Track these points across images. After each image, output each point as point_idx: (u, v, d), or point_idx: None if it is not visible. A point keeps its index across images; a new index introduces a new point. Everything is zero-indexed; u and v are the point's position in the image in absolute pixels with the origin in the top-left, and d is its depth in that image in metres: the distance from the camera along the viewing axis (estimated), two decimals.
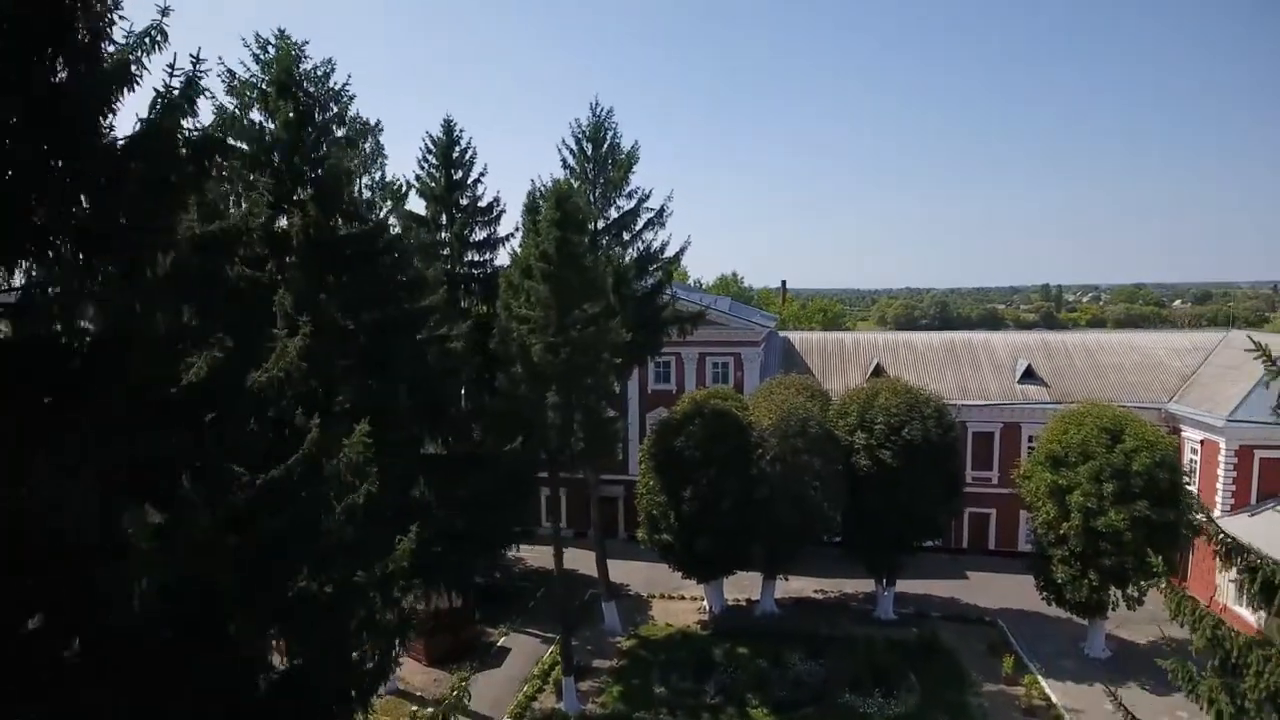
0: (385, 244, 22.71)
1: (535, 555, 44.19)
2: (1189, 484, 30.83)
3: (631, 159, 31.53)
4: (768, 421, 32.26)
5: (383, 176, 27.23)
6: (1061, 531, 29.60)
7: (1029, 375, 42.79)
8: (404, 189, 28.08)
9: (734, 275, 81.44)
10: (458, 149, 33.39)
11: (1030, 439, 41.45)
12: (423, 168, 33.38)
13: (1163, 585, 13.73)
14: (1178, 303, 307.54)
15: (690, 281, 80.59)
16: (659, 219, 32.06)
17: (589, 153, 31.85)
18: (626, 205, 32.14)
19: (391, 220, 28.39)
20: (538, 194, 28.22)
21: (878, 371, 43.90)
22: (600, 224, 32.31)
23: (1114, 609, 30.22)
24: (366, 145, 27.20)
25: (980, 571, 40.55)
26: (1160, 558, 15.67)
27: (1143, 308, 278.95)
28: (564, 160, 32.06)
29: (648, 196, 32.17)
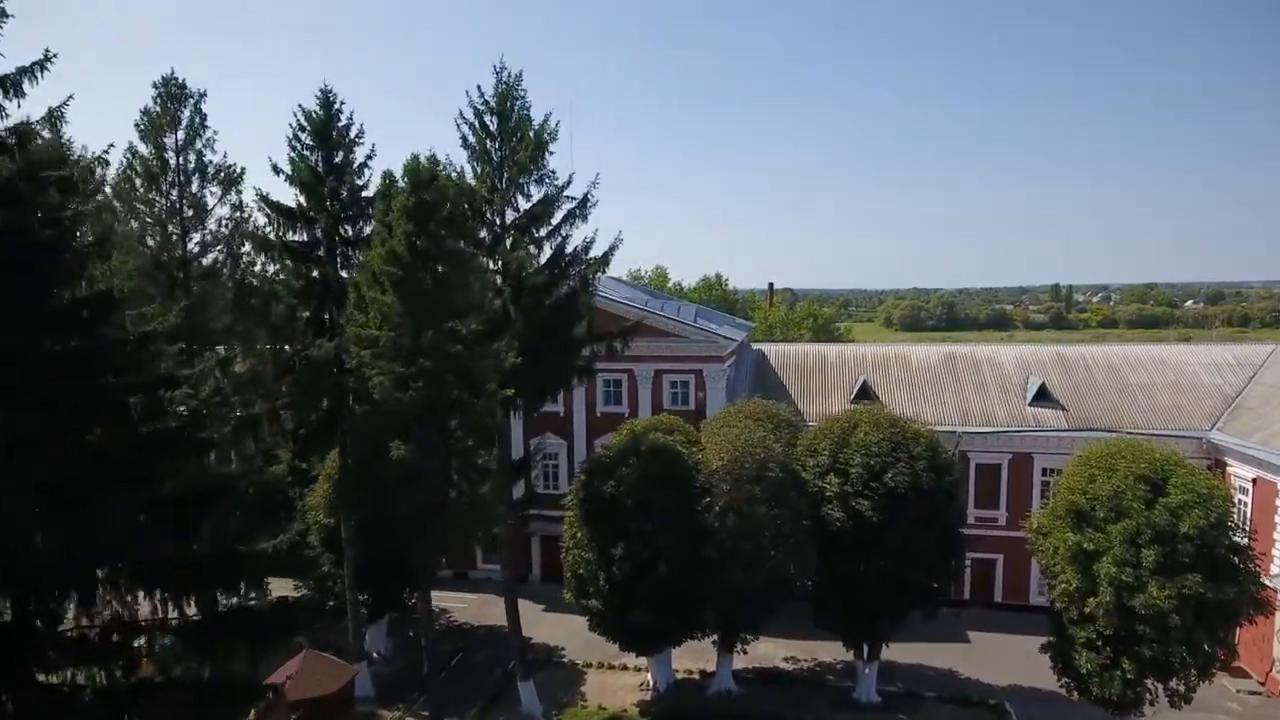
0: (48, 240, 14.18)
1: (467, 606, 38.03)
2: (1244, 539, 24.18)
3: (544, 136, 25.19)
4: (718, 462, 25.89)
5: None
6: (1087, 609, 23.10)
7: (1042, 396, 36.27)
8: (236, 172, 21.87)
9: (718, 277, 75.13)
10: (337, 126, 27.06)
11: (1045, 472, 35.05)
12: (293, 148, 27.04)
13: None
14: (1190, 303, 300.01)
15: (671, 284, 74.24)
16: (581, 210, 25.72)
17: (493, 128, 25.53)
18: (541, 193, 25.77)
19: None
20: (406, 175, 21.52)
21: (864, 392, 37.47)
22: (510, 216, 25.99)
23: (1152, 704, 23.75)
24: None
25: (985, 631, 34.09)
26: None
27: (1154, 308, 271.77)
28: (463, 138, 25.79)
29: (568, 183, 25.85)
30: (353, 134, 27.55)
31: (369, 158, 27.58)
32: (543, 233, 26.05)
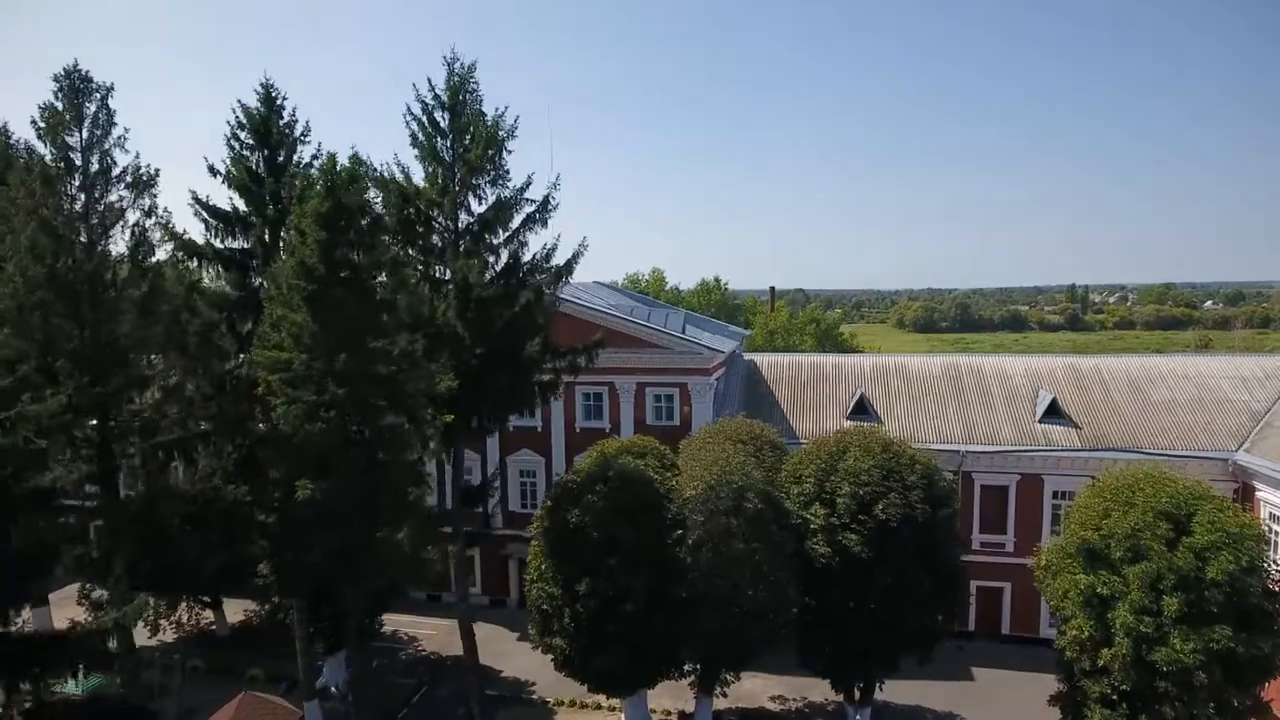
0: None
1: (436, 633, 35.81)
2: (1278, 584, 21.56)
3: (498, 132, 22.91)
4: (691, 490, 23.54)
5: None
6: (1101, 661, 20.58)
7: (1053, 412, 33.63)
8: (150, 174, 19.68)
9: (716, 281, 72.61)
10: (279, 123, 24.94)
11: (1056, 495, 32.45)
12: (231, 148, 24.92)
13: None
14: (1209, 303, 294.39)
15: (669, 288, 71.74)
16: (540, 215, 23.44)
17: (443, 124, 23.28)
18: (495, 196, 23.49)
19: None
20: (322, 174, 19.15)
21: (861, 407, 34.97)
22: (465, 221, 23.75)
23: None
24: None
25: (991, 668, 31.52)
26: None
27: (1173, 309, 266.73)
28: (412, 136, 23.54)
29: (526, 185, 23.57)
30: (297, 131, 25.56)
31: (315, 157, 25.51)
32: (500, 239, 23.77)
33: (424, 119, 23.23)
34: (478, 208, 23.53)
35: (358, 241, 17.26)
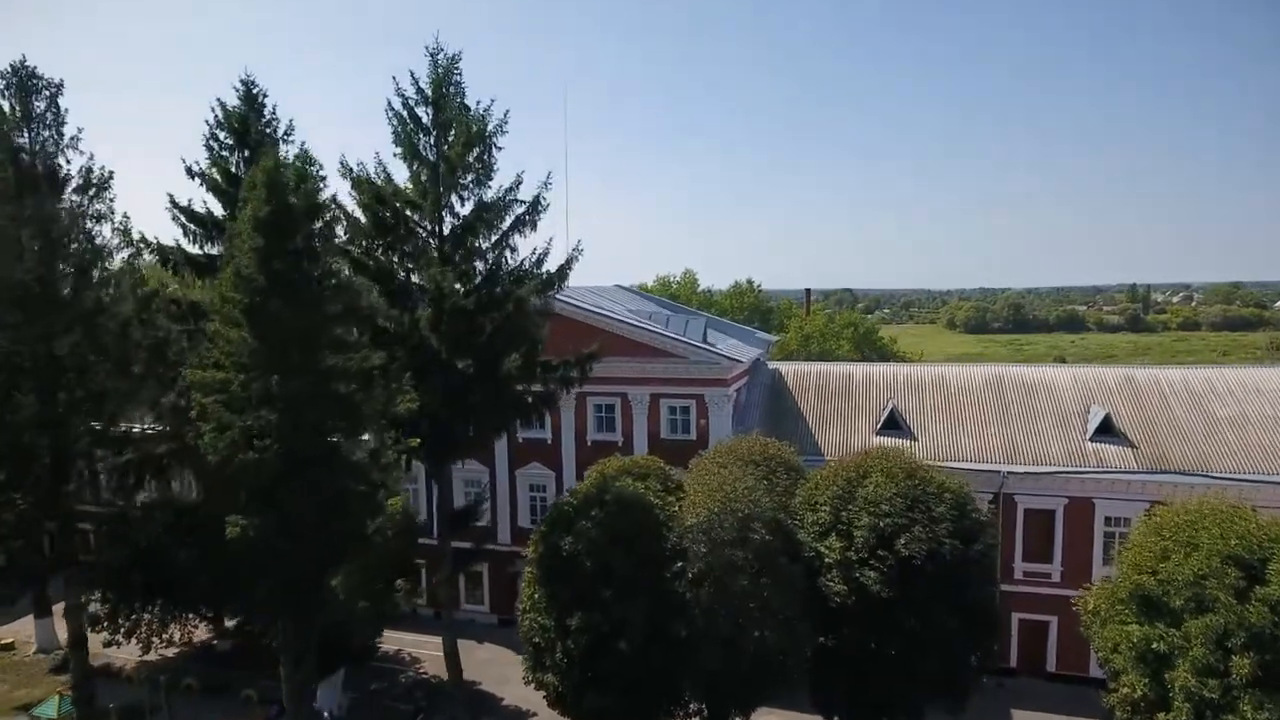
0: None
1: (439, 654, 34.20)
2: None
3: (484, 127, 21.14)
4: (693, 517, 21.45)
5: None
6: None
7: (1106, 430, 30.60)
8: (103, 176, 18.40)
9: (750, 283, 69.89)
10: (260, 122, 23.59)
11: (1109, 522, 29.50)
12: (210, 149, 23.65)
13: None
14: None
15: (700, 290, 69.32)
16: (530, 216, 21.61)
17: (426, 121, 21.60)
18: (482, 197, 21.73)
19: None
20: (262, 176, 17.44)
21: (892, 422, 32.40)
22: (449, 224, 22.05)
23: None
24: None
25: (1034, 711, 28.75)
26: None
27: (1241, 309, 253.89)
28: (395, 133, 21.91)
29: (515, 185, 21.77)
30: (281, 131, 24.20)
31: (299, 158, 24.06)
32: (488, 243, 22.01)
33: (405, 114, 21.60)
34: (464, 210, 21.81)
35: (306, 249, 15.64)
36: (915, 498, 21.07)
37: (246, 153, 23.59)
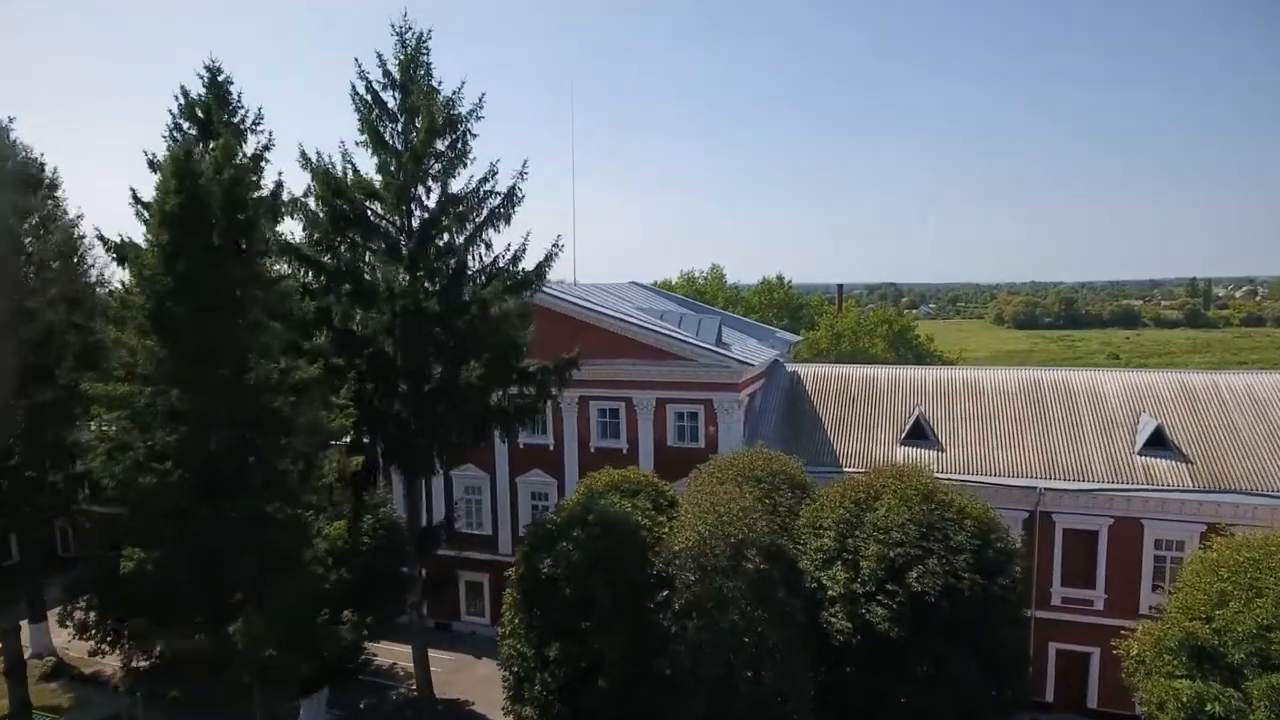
0: None
1: (439, 670, 32.57)
2: None
3: (454, 111, 19.28)
4: (679, 543, 19.39)
5: None
6: None
7: (1158, 443, 27.62)
8: (49, 175, 17.03)
9: (779, 278, 67.00)
10: (225, 111, 22.09)
11: (1160, 545, 26.60)
12: (174, 139, 22.23)
13: None
14: None
15: (728, 285, 66.77)
16: (503, 210, 19.73)
17: (392, 106, 19.83)
18: (449, 189, 19.89)
19: None
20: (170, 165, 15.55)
21: (918, 431, 29.83)
22: (419, 217, 20.28)
23: None
24: None
25: None
26: None
27: None
28: (361, 120, 20.19)
29: (489, 176, 19.90)
30: (249, 120, 22.63)
31: (265, 148, 22.47)
32: (460, 239, 20.17)
33: (369, 99, 19.85)
34: (431, 199, 20.00)
35: (227, 246, 14.00)
36: (931, 524, 18.70)
37: (211, 144, 22.10)
